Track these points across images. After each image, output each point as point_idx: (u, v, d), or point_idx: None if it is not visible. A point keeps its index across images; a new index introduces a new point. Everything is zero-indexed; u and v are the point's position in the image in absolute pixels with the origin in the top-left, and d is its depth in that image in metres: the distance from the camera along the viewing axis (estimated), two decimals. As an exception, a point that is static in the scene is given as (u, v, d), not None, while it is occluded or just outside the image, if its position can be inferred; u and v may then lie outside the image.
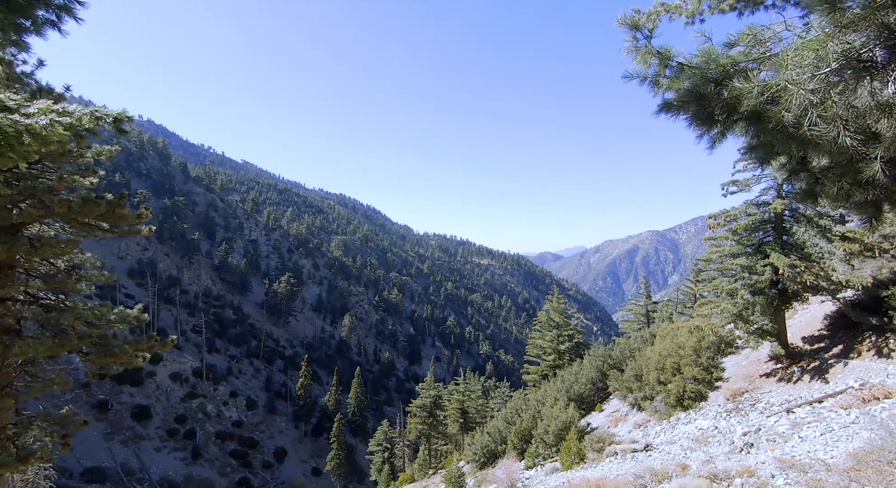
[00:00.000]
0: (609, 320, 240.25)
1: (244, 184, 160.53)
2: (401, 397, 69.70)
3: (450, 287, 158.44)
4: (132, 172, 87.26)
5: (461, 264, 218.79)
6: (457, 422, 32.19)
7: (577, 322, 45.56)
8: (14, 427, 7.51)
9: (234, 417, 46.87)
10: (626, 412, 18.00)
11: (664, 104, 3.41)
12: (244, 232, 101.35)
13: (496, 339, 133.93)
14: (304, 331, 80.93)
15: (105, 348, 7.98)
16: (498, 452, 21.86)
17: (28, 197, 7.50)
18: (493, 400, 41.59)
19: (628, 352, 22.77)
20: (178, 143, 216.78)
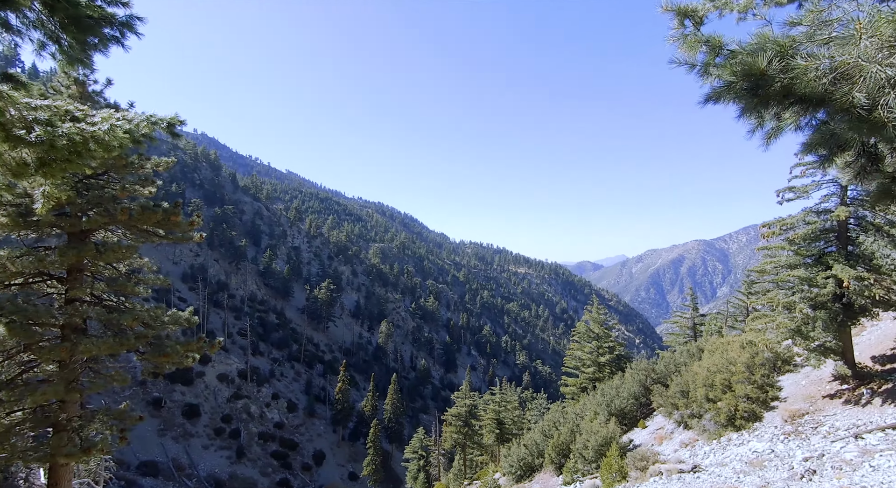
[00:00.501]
0: (652, 332, 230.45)
1: (288, 193, 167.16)
2: (436, 405, 69.59)
3: (486, 295, 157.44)
4: (187, 183, 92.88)
5: (497, 272, 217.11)
6: (492, 433, 31.71)
7: (618, 334, 43.99)
8: (79, 420, 8.07)
9: (276, 419, 48.32)
10: (672, 430, 17.11)
11: (712, 93, 3.21)
12: (287, 239, 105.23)
13: (533, 349, 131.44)
14: (342, 336, 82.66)
15: (159, 348, 8.46)
16: (535, 465, 21.32)
17: (95, 205, 8.12)
18: (530, 411, 40.71)
19: (673, 367, 21.71)
20: (227, 155, 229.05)
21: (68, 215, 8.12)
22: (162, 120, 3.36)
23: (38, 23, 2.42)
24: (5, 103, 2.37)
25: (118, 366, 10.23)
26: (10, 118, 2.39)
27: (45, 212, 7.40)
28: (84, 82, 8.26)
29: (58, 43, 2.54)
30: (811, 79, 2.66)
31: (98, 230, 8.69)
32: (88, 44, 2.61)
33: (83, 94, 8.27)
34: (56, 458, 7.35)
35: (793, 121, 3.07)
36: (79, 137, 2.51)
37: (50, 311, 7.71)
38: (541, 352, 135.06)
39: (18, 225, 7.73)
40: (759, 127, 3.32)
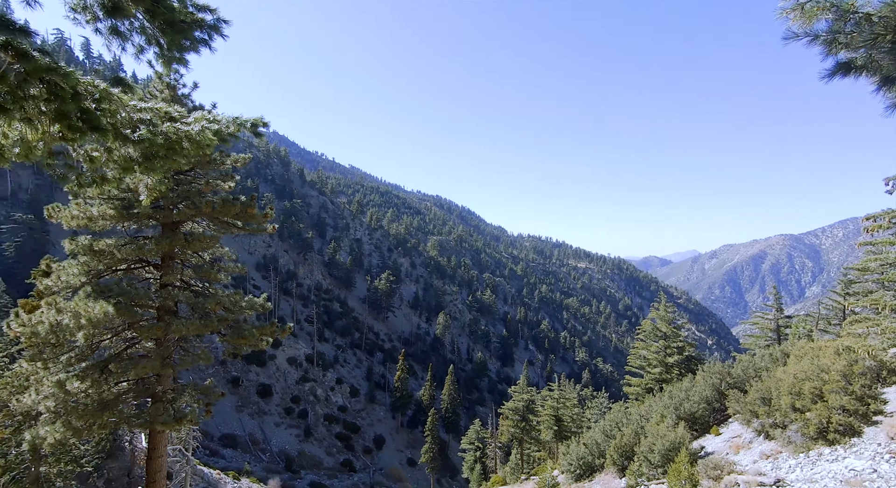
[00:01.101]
0: (727, 334, 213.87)
1: (350, 187, 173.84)
2: (493, 398, 69.63)
3: (544, 290, 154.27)
4: (260, 178, 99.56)
5: (556, 267, 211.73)
6: (550, 429, 31.17)
7: (688, 333, 41.07)
8: (172, 392, 8.97)
9: (340, 402, 50.88)
10: (750, 439, 15.79)
11: (841, 65, 2.84)
12: (350, 231, 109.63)
13: (594, 346, 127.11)
14: (401, 326, 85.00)
15: (238, 331, 9.16)
16: (595, 466, 20.68)
17: (184, 199, 8.91)
18: (590, 410, 39.50)
19: (753, 372, 19.99)
20: (296, 151, 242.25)
21: (162, 208, 8.99)
22: (247, 121, 3.60)
23: (141, 28, 2.67)
24: (117, 106, 2.66)
25: (203, 345, 11.24)
26: (121, 119, 2.69)
27: (149, 203, 8.24)
28: (175, 87, 9.05)
29: (158, 45, 2.79)
30: None
31: (186, 221, 9.53)
32: (182, 46, 2.83)
33: (174, 98, 9.07)
34: (154, 425, 8.24)
35: None
36: (175, 136, 2.76)
37: (148, 294, 8.60)
38: (602, 349, 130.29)
39: (123, 217, 8.68)
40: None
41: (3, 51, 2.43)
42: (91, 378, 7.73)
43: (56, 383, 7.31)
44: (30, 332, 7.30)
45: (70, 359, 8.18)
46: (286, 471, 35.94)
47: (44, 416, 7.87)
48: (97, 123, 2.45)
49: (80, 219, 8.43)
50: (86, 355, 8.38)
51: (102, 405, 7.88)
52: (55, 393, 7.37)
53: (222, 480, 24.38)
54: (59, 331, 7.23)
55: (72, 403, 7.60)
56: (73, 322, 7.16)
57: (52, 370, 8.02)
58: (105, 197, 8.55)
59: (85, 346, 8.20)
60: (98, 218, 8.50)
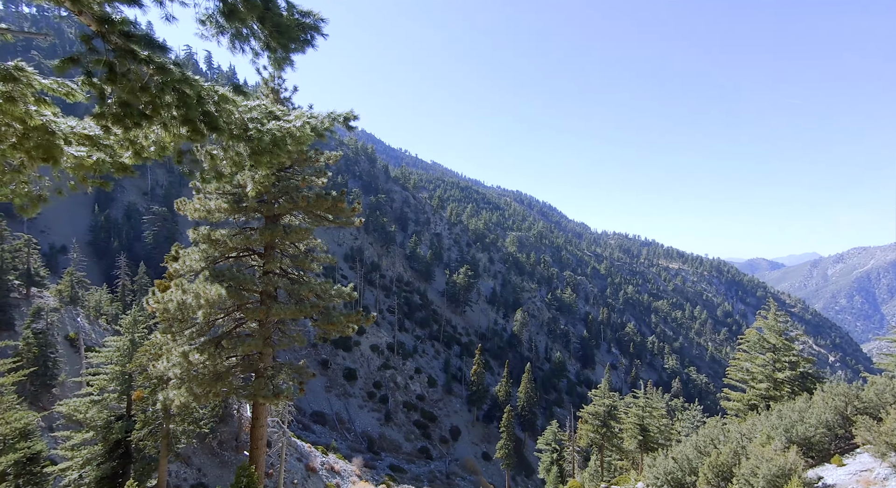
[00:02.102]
0: (855, 350, 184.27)
1: (432, 182, 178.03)
2: (571, 400, 67.42)
3: (630, 290, 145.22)
4: (349, 174, 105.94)
5: (645, 267, 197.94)
6: (634, 438, 29.35)
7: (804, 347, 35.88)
8: (271, 370, 9.93)
9: (418, 391, 52.66)
10: (885, 475, 13.46)
11: None
12: (430, 226, 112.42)
13: (685, 354, 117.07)
14: (478, 321, 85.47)
15: (328, 317, 9.84)
16: (685, 483, 19.08)
17: (283, 194, 9.75)
18: (680, 422, 36.48)
19: (891, 397, 16.98)
20: (381, 149, 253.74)
21: (266, 202, 9.93)
22: (340, 115, 3.84)
23: (255, 34, 2.97)
24: (232, 108, 2.99)
25: (298, 329, 12.26)
26: (234, 120, 3.03)
27: (254, 194, 9.16)
28: (278, 91, 9.92)
29: (270, 50, 3.08)
30: None
31: (285, 214, 10.43)
32: (290, 47, 3.09)
33: (277, 100, 9.94)
34: (257, 398, 9.19)
35: None
36: (279, 133, 3.03)
37: (253, 280, 9.58)
38: (695, 357, 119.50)
39: (235, 210, 9.73)
40: None
41: (145, 65, 2.83)
42: (208, 351, 8.82)
43: (181, 354, 8.46)
44: (162, 309, 8.53)
45: (192, 333, 9.41)
46: (368, 452, 38.15)
47: (172, 381, 9.17)
48: (217, 124, 2.78)
49: (201, 211, 9.62)
50: (204, 331, 9.59)
51: (216, 376, 8.96)
52: (181, 362, 8.54)
53: (312, 453, 26.53)
54: (184, 309, 8.34)
55: (193, 372, 8.74)
56: (194, 301, 8.22)
57: (179, 342, 9.29)
58: (221, 192, 9.66)
59: (203, 323, 9.37)
60: (215, 210, 9.63)
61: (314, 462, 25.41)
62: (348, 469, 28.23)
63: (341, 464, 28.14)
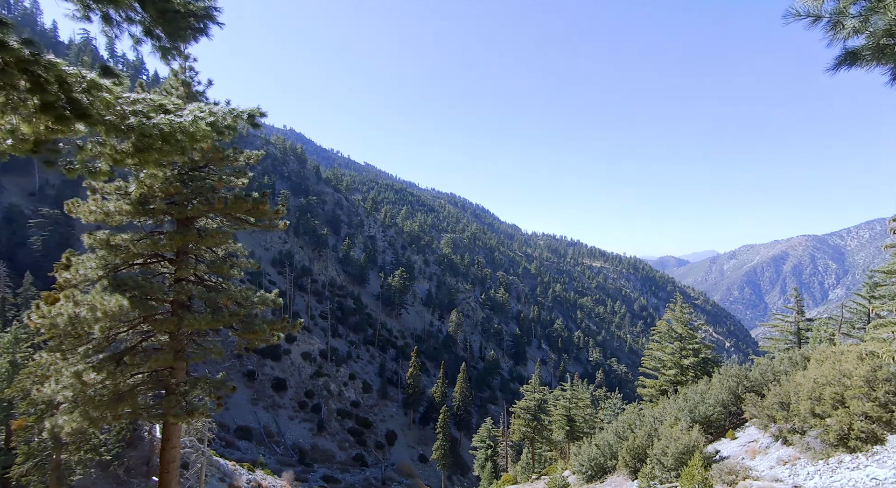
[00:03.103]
0: (745, 336, 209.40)
1: (365, 184, 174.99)
2: (505, 397, 69.49)
3: (558, 288, 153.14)
4: (276, 175, 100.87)
5: (571, 266, 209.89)
6: (562, 429, 30.95)
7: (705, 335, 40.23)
8: (185, 385, 9.14)
9: (353, 398, 51.37)
10: (767, 444, 15.42)
11: (848, 54, 2.64)
12: (364, 228, 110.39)
13: (608, 347, 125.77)
14: (413, 323, 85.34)
15: (250, 325, 9.27)
16: (607, 467, 20.47)
17: (197, 195, 9.04)
18: (603, 410, 39.07)
19: (771, 375, 19.50)
20: (312, 149, 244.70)
21: (176, 203, 9.14)
22: (243, 112, 3.60)
23: (135, 18, 2.69)
24: (111, 98, 2.69)
25: (217, 340, 11.42)
26: (115, 111, 2.72)
27: (137, 196, 8.39)
28: (189, 83, 9.18)
29: (152, 36, 2.81)
30: None
31: (200, 217, 9.68)
32: (178, 35, 2.85)
33: (189, 94, 9.20)
34: (167, 417, 8.40)
35: None
36: (168, 128, 2.77)
37: (162, 288, 8.77)
38: (616, 349, 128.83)
39: (139, 212, 8.85)
40: None
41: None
42: (107, 369, 7.91)
43: (73, 374, 7.51)
44: (49, 324, 7.51)
45: (87, 350, 8.39)
46: (299, 464, 36.45)
47: (63, 406, 8.11)
48: (85, 112, 2.48)
49: (98, 213, 8.62)
50: (103, 347, 8.59)
51: (118, 396, 8.06)
52: (73, 384, 7.57)
53: (237, 471, 24.84)
54: (77, 324, 7.41)
55: (89, 394, 7.79)
56: (89, 314, 7.33)
57: (71, 361, 8.24)
58: (122, 193, 8.73)
59: (101, 338, 8.40)
60: (114, 213, 8.69)
61: (239, 480, 23.80)
62: (277, 484, 26.80)
63: (270, 480, 26.64)
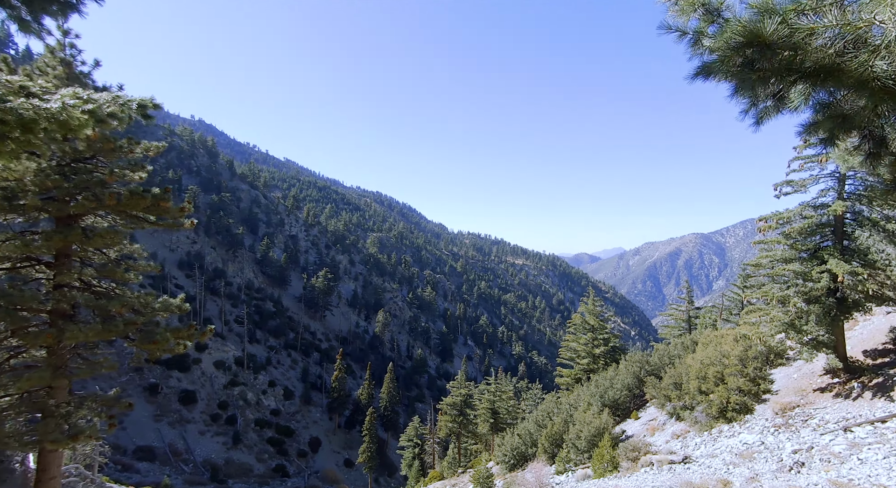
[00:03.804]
0: (648, 325, 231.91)
1: (286, 181, 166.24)
2: (432, 394, 70.16)
3: (483, 286, 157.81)
4: (183, 169, 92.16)
5: (495, 263, 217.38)
6: (487, 422, 31.96)
7: (614, 325, 44.24)
8: (67, 406, 8.01)
9: (272, 406, 48.62)
10: (664, 421, 17.24)
11: (703, 67, 2.91)
12: (285, 227, 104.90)
13: (529, 340, 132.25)
14: (339, 325, 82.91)
15: (149, 335, 8.38)
16: (528, 455, 21.52)
17: (82, 189, 7.97)
18: (525, 401, 41.01)
19: (667, 359, 21.82)
20: (225, 142, 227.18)
21: (55, 199, 7.98)
22: (132, 101, 3.23)
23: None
24: None
25: (111, 352, 10.17)
26: None
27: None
28: (70, 63, 8.06)
29: (5, 5, 2.40)
30: (821, 47, 2.38)
31: (86, 215, 8.55)
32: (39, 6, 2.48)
33: (70, 75, 8.07)
34: (43, 444, 7.32)
35: (800, 99, 2.78)
36: (29, 114, 2.39)
37: (37, 296, 7.61)
38: (536, 342, 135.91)
39: (4, 209, 7.59)
40: (752, 106, 3.08)
41: None
42: (-38, 394, 6.70)
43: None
44: None
45: (-65, 373, 7.04)
46: (211, 482, 33.73)
47: None
48: None
49: (-51, 210, 7.27)
50: (-44, 368, 7.27)
51: (-22, 424, 6.86)
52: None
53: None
54: (-81, 342, 6.18)
55: (-64, 424, 6.54)
56: (-64, 330, 6.15)
57: (-89, 387, 6.85)
58: (-19, 185, 7.43)
59: (-45, 358, 7.10)
60: (-28, 209, 7.37)
61: (139, 507, 21.43)
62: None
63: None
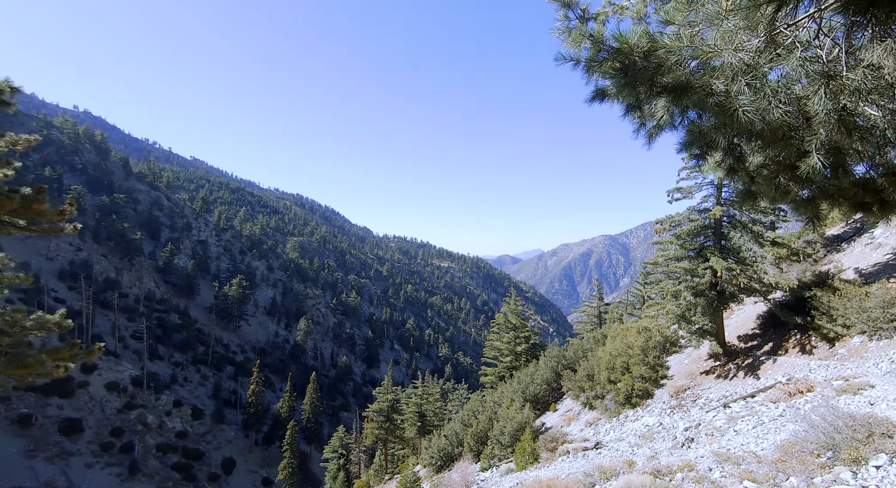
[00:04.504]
0: (564, 321, 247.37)
1: (193, 182, 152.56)
2: (358, 402, 68.45)
3: (409, 289, 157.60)
4: (65, 167, 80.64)
5: (421, 266, 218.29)
6: (414, 426, 31.89)
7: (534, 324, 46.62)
8: None
9: (178, 428, 44.13)
10: (579, 411, 18.47)
11: (597, 91, 3.24)
12: (192, 232, 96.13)
13: (455, 342, 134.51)
14: (256, 335, 77.74)
15: (18, 358, 7.20)
16: (454, 455, 21.82)
17: (-76, 188, 6.68)
18: (452, 402, 41.57)
19: (581, 353, 23.41)
20: (118, 137, 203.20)
21: None
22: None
23: None
24: None
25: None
26: None
27: None
28: None
29: None
30: (673, 64, 2.75)
31: (-70, 218, 7.17)
32: None
33: None
34: None
35: (665, 114, 3.19)
36: None
37: None
38: (462, 343, 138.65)
39: None
40: (641, 126, 3.43)
41: None
42: None
43: None
44: None
45: None
46: (103, 521, 29.73)
47: None
48: None
49: None
50: None
51: None
52: None
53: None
54: None
55: None
56: None
57: None
58: None
59: None
60: None
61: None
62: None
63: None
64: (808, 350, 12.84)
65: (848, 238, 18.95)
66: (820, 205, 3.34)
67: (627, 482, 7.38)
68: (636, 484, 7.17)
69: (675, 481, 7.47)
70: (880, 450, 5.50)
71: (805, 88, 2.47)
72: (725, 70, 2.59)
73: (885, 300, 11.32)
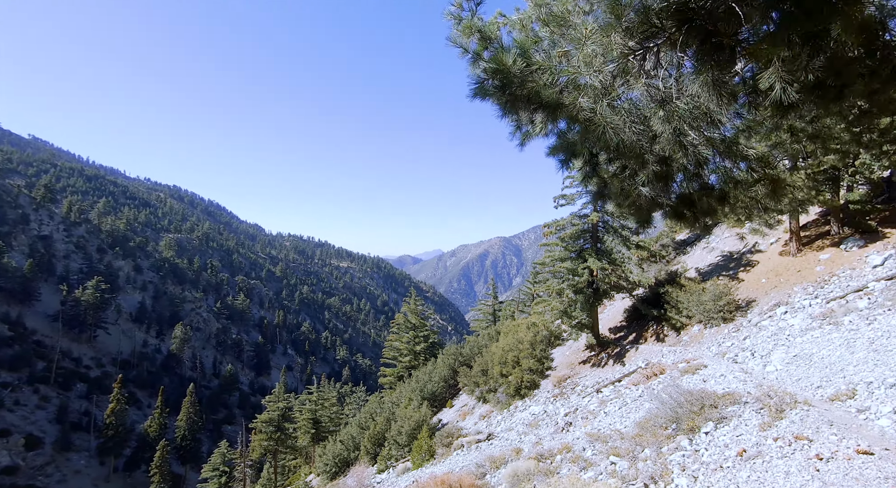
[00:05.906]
0: (462, 320, 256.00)
1: (33, 165, 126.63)
2: (245, 413, 63.00)
3: (305, 291, 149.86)
4: None
5: (319, 267, 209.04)
6: (308, 434, 30.36)
7: (434, 323, 47.63)
8: None
9: (6, 462, 36.34)
10: (473, 405, 19.27)
11: (479, 87, 3.21)
12: (31, 225, 79.82)
13: (354, 343, 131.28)
14: (118, 346, 67.22)
15: None
16: (351, 460, 21.27)
17: None
18: (349, 406, 40.47)
19: (477, 349, 24.44)
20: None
21: None
22: None
23: None
24: None
25: None
26: None
27: None
28: None
29: None
30: (545, 83, 3.00)
31: None
32: None
33: None
34: None
35: (542, 127, 3.45)
36: None
37: None
38: (361, 345, 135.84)
39: None
40: (517, 129, 3.56)
41: None
42: None
43: None
44: None
45: None
46: None
47: None
48: None
49: None
50: None
51: None
52: None
53: None
54: None
55: None
56: None
57: None
58: None
59: None
60: None
61: None
62: None
63: None
64: (662, 338, 15.03)
65: (691, 242, 22.65)
66: (651, 213, 3.95)
67: (514, 469, 7.87)
68: (522, 470, 7.69)
69: (555, 463, 8.17)
70: (709, 419, 6.64)
71: (650, 110, 2.86)
72: (588, 90, 2.88)
73: (715, 294, 13.75)
